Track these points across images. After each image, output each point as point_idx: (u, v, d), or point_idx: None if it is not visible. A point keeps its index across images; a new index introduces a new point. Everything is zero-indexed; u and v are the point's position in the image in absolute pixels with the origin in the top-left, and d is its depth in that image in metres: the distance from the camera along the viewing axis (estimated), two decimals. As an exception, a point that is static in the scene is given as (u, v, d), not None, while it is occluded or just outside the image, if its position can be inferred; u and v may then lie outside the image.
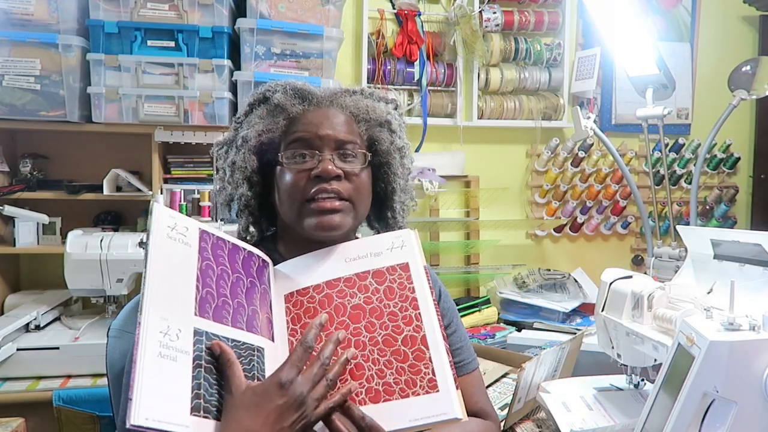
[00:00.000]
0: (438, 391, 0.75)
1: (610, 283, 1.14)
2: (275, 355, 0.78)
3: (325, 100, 0.96)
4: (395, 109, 1.03)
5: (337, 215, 0.90)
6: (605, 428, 1.07)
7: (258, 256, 0.89)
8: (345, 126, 0.94)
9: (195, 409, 0.65)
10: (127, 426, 0.59)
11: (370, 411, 0.74)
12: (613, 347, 1.16)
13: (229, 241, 0.85)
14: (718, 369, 0.73)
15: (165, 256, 0.73)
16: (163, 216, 0.76)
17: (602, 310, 1.16)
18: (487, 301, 2.18)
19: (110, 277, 1.74)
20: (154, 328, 0.67)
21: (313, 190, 0.89)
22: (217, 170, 1.02)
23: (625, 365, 1.18)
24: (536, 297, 2.10)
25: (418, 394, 0.75)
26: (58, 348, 1.66)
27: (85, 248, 1.72)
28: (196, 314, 0.73)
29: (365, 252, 0.88)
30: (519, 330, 1.99)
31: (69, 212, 2.03)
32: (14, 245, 1.93)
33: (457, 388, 0.76)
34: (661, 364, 0.87)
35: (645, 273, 1.57)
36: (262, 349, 0.78)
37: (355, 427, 0.73)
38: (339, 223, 0.90)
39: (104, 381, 1.33)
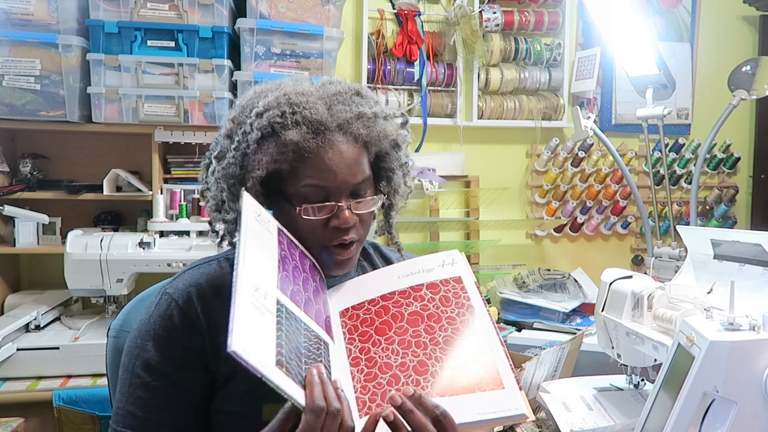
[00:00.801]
0: (503, 388, 0.76)
1: (610, 283, 1.14)
2: (337, 355, 0.81)
3: (336, 131, 0.87)
4: (405, 123, 0.98)
5: (351, 261, 0.92)
6: (605, 428, 1.07)
7: (319, 270, 0.92)
8: (358, 164, 0.88)
9: (278, 363, 0.67)
10: (228, 350, 0.60)
11: (439, 403, 0.74)
12: (613, 347, 1.16)
13: (298, 246, 0.88)
14: (718, 369, 0.73)
15: (255, 234, 0.76)
16: (251, 202, 0.80)
17: (602, 310, 1.16)
18: (488, 301, 2.18)
19: (110, 277, 1.74)
20: (248, 281, 0.69)
21: (330, 240, 0.88)
22: (207, 175, 0.97)
23: (625, 365, 1.18)
24: (536, 297, 2.10)
25: (484, 390, 0.76)
26: (58, 348, 1.66)
27: (85, 248, 1.72)
28: (278, 287, 0.75)
29: (417, 269, 0.91)
30: (519, 330, 1.99)
31: (69, 212, 2.03)
32: (14, 245, 1.93)
33: (521, 389, 0.77)
34: (661, 364, 0.87)
35: (645, 273, 1.57)
36: (327, 344, 0.80)
37: (429, 416, 0.71)
38: (353, 264, 0.94)
39: (104, 381, 1.33)
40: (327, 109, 0.88)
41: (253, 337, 0.65)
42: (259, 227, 0.79)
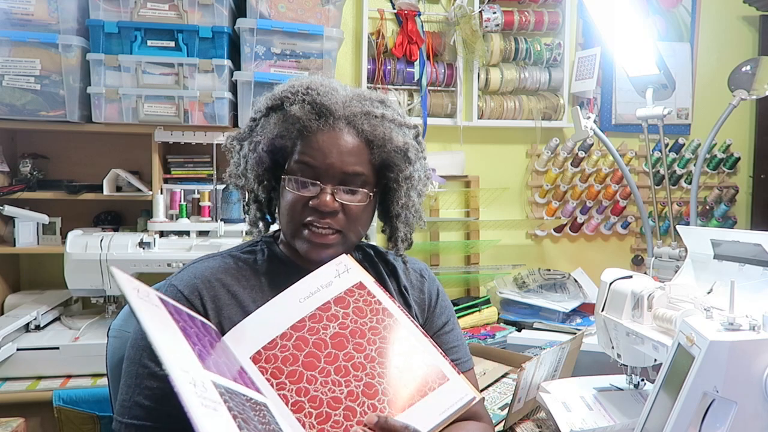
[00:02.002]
0: (448, 379, 0.77)
1: (610, 283, 1.14)
2: (277, 409, 0.75)
3: (342, 120, 0.92)
4: (416, 136, 0.99)
5: (326, 250, 0.92)
6: (605, 428, 1.07)
7: (209, 325, 0.85)
8: (354, 156, 0.91)
9: None
10: None
11: (403, 419, 0.74)
12: (613, 347, 1.16)
13: (183, 309, 0.81)
14: (718, 369, 0.73)
15: (149, 314, 0.68)
16: (125, 279, 0.70)
17: (602, 310, 1.16)
18: (487, 301, 2.18)
19: (110, 277, 1.74)
20: (183, 379, 0.61)
21: (307, 219, 0.91)
22: (231, 156, 1.01)
23: (625, 365, 1.18)
24: (536, 297, 2.11)
25: (434, 388, 0.76)
26: (58, 348, 1.66)
27: (85, 248, 1.72)
28: (204, 368, 0.68)
29: (315, 287, 0.87)
30: (519, 330, 1.99)
31: (69, 212, 2.03)
32: (14, 245, 1.93)
33: (459, 373, 0.79)
34: (661, 364, 0.87)
35: (645, 273, 1.57)
36: (266, 404, 0.74)
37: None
38: (329, 256, 0.92)
39: (104, 381, 1.33)
40: (342, 102, 0.93)
41: None
42: (145, 304, 0.70)
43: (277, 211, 1.01)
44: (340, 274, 0.88)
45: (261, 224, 1.02)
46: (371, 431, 0.72)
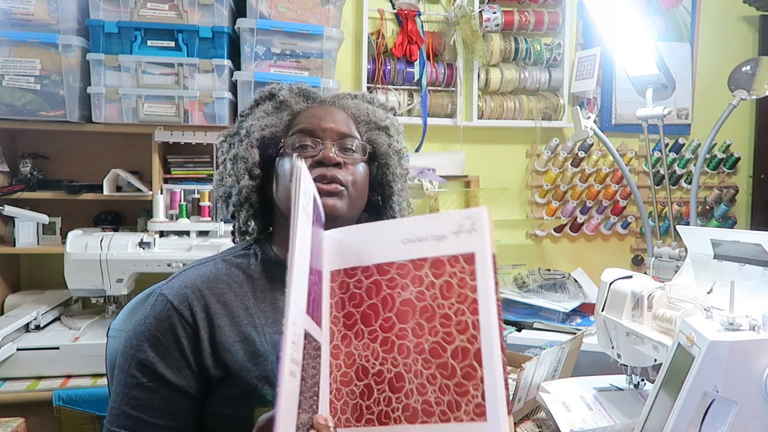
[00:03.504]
0: (485, 420, 0.62)
1: (610, 283, 1.14)
2: (324, 350, 0.70)
3: (327, 100, 1.02)
4: (393, 116, 1.08)
5: (332, 198, 0.90)
6: (605, 428, 1.07)
7: (320, 209, 0.76)
8: (346, 123, 0.98)
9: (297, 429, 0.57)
10: None
11: (404, 431, 0.65)
12: (613, 347, 1.16)
13: (319, 214, 0.74)
14: (718, 369, 0.73)
15: (303, 235, 0.63)
16: (307, 184, 0.65)
17: (602, 310, 1.16)
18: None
19: (110, 277, 1.74)
20: (289, 337, 0.56)
21: (313, 176, 0.90)
22: (217, 165, 1.05)
23: (625, 365, 1.18)
24: (536, 297, 2.10)
25: (461, 420, 0.63)
26: (58, 348, 1.66)
27: (85, 248, 1.72)
28: (307, 313, 0.62)
29: (426, 233, 0.72)
30: (519, 330, 1.99)
31: (69, 212, 2.03)
32: (14, 245, 1.93)
33: (509, 414, 0.63)
34: (661, 364, 0.87)
35: (645, 273, 1.57)
36: (320, 345, 0.69)
37: None
38: (335, 206, 0.90)
39: (104, 381, 1.33)
40: (330, 96, 1.03)
41: (287, 423, 0.54)
42: (305, 218, 0.64)
43: (275, 191, 0.97)
44: (461, 231, 0.71)
45: (253, 222, 1.01)
46: None
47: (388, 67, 2.31)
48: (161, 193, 1.93)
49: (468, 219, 0.72)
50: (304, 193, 0.65)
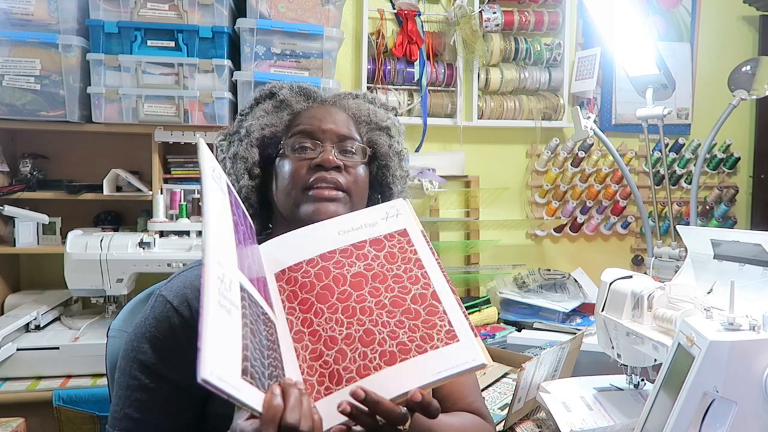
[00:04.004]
0: (458, 340, 0.71)
1: (610, 283, 1.14)
2: (281, 330, 0.74)
3: (328, 99, 1.01)
4: (394, 116, 1.07)
5: (333, 204, 0.91)
6: (605, 428, 1.07)
7: (250, 221, 0.84)
8: (346, 124, 0.98)
9: (243, 373, 0.59)
10: (198, 380, 0.55)
11: (388, 374, 0.69)
12: (613, 347, 1.16)
13: (240, 203, 0.81)
14: (718, 369, 0.73)
15: (214, 196, 0.69)
16: (207, 155, 0.70)
17: (602, 310, 1.16)
18: (487, 301, 2.18)
19: (110, 277, 1.74)
20: (213, 273, 0.61)
21: (312, 179, 0.91)
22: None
23: (625, 365, 1.18)
24: (536, 297, 2.10)
25: (437, 347, 0.71)
26: (58, 348, 1.66)
27: (85, 248, 1.72)
28: (238, 267, 0.66)
29: (359, 224, 0.83)
30: (519, 330, 1.99)
31: (69, 212, 2.03)
32: (14, 245, 1.93)
33: (476, 336, 0.71)
34: (661, 364, 0.87)
35: (645, 273, 1.57)
36: (274, 323, 0.73)
37: (365, 407, 0.66)
38: (335, 212, 0.90)
39: (104, 381, 1.33)
40: (330, 96, 1.02)
41: (221, 354, 0.57)
42: (214, 185, 0.70)
43: (275, 191, 0.98)
44: (388, 217, 0.84)
45: (252, 223, 1.01)
46: (362, 405, 0.66)
47: (388, 67, 2.31)
48: (161, 193, 1.93)
49: (392, 207, 0.85)
50: (211, 168, 0.71)
